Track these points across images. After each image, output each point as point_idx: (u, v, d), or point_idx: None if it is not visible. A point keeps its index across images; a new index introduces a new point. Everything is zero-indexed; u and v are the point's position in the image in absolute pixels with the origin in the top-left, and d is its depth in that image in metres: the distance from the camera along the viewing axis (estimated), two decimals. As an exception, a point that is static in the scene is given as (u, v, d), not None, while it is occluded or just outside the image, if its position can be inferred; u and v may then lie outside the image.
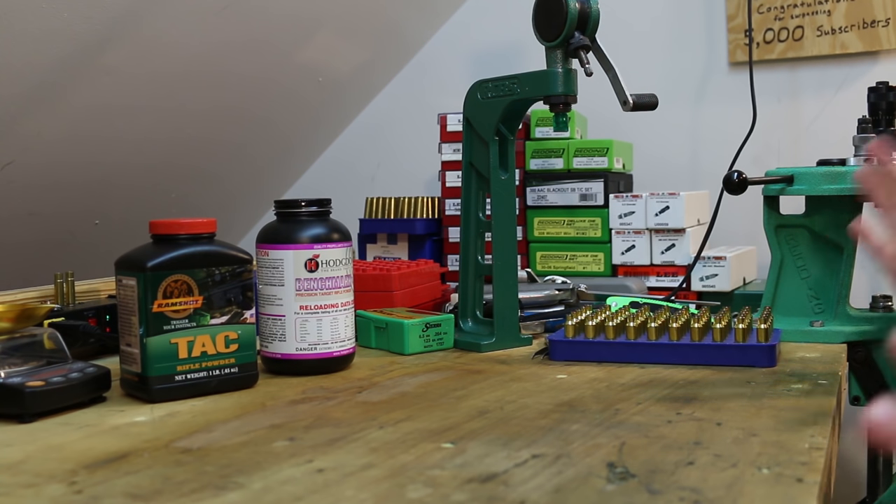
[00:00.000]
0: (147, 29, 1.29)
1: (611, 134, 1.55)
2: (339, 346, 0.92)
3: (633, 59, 1.60)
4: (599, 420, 0.71)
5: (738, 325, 0.93)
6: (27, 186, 1.39)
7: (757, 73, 1.53)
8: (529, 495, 0.54)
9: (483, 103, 1.04)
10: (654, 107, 0.96)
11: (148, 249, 0.83)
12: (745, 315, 0.98)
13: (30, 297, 1.04)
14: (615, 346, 0.95)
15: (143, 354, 0.80)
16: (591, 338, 0.97)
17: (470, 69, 1.79)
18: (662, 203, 1.36)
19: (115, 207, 1.59)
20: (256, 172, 1.86)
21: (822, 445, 0.63)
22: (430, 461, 0.61)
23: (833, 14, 1.54)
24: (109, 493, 0.56)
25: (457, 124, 1.50)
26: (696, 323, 0.95)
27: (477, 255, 1.08)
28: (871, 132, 1.13)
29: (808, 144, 1.58)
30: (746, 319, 0.95)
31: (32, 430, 0.72)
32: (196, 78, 1.46)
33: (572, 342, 0.96)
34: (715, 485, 0.55)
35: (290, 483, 0.57)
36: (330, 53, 1.67)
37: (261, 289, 0.93)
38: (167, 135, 1.53)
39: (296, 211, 0.93)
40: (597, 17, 0.95)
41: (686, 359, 0.93)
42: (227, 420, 0.74)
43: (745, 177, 1.08)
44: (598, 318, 0.99)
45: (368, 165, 1.93)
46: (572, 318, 0.99)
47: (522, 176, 1.47)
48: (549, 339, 0.98)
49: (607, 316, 1.00)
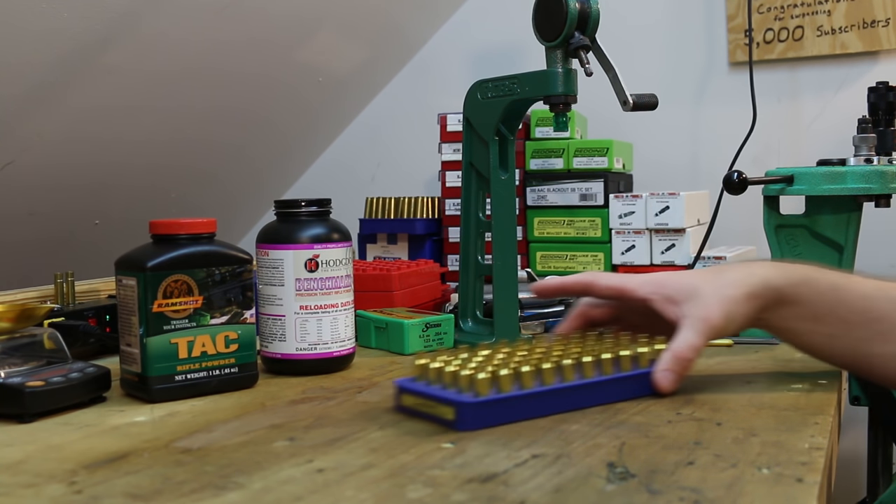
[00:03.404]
0: (147, 28, 1.29)
1: (611, 134, 1.55)
2: (339, 346, 0.92)
3: (633, 59, 1.60)
4: (599, 420, 0.71)
5: (640, 348, 0.79)
6: (27, 186, 1.39)
7: (757, 73, 1.53)
8: (529, 495, 0.54)
9: (483, 103, 1.04)
10: (654, 107, 0.96)
11: (148, 249, 0.83)
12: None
13: (30, 297, 1.04)
14: (541, 399, 0.72)
15: (143, 354, 0.80)
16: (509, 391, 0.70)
17: (470, 69, 1.79)
18: (662, 203, 1.36)
19: (114, 207, 1.59)
20: (256, 172, 1.86)
21: (822, 445, 0.63)
22: (430, 461, 0.61)
23: (833, 14, 1.54)
24: (109, 493, 0.56)
25: (457, 124, 1.50)
26: (604, 351, 0.77)
27: (477, 255, 1.08)
28: (871, 132, 1.13)
29: (808, 144, 1.58)
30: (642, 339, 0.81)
31: (32, 430, 0.72)
32: (196, 77, 1.46)
33: (489, 403, 0.69)
34: (715, 485, 0.55)
35: (290, 483, 0.57)
36: (330, 53, 1.67)
37: (261, 289, 0.93)
38: (167, 135, 1.53)
39: (296, 211, 0.93)
40: (597, 17, 0.95)
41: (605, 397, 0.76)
42: (227, 420, 0.74)
43: (745, 177, 1.08)
44: (498, 362, 0.73)
45: (368, 165, 1.93)
46: (443, 364, 0.72)
47: (522, 176, 1.47)
48: (458, 402, 0.68)
49: (503, 357, 0.75)
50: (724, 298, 0.75)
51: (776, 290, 0.76)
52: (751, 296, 0.76)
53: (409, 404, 0.73)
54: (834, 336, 0.77)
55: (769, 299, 0.77)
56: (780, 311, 0.77)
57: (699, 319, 0.75)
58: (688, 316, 0.76)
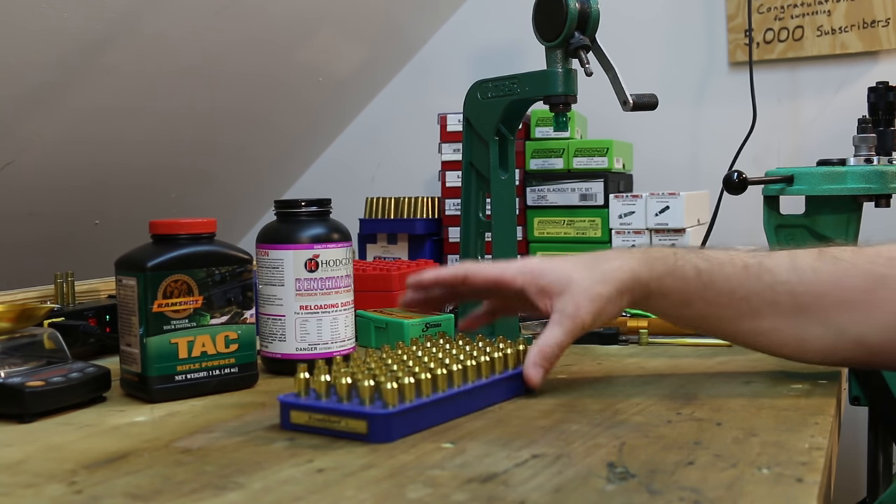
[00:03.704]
0: (147, 29, 1.29)
1: (611, 134, 1.55)
2: (339, 346, 0.92)
3: (633, 59, 1.60)
4: (599, 420, 0.71)
5: (506, 349, 0.80)
6: (27, 186, 1.39)
7: (757, 73, 1.54)
8: (529, 495, 0.54)
9: (483, 103, 1.04)
10: (654, 107, 0.96)
11: (148, 249, 0.83)
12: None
13: (30, 297, 1.04)
14: (453, 403, 0.72)
15: (143, 354, 0.80)
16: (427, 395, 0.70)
17: (470, 69, 1.79)
18: (662, 203, 1.36)
19: (115, 207, 1.59)
20: (256, 172, 1.86)
21: (822, 445, 0.63)
22: (430, 461, 0.61)
23: (833, 14, 1.54)
24: (109, 493, 0.56)
25: (457, 124, 1.50)
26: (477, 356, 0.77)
27: (477, 255, 1.08)
28: (871, 132, 1.13)
29: (808, 144, 1.58)
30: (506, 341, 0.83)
31: (32, 430, 0.72)
32: (196, 78, 1.46)
33: (401, 413, 0.67)
34: (715, 485, 0.55)
35: (290, 483, 0.57)
36: (330, 53, 1.67)
37: (261, 289, 0.93)
38: (167, 135, 1.53)
39: (296, 211, 0.93)
40: (597, 16, 0.95)
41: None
42: (227, 420, 0.74)
43: (745, 177, 1.08)
44: (390, 371, 0.72)
45: (368, 165, 1.93)
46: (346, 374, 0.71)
47: (522, 176, 1.47)
48: (371, 415, 0.66)
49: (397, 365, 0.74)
50: (594, 296, 0.78)
51: (644, 283, 0.79)
52: (621, 291, 0.79)
53: (301, 422, 0.69)
54: (704, 317, 0.81)
55: (638, 293, 0.80)
56: (649, 302, 0.81)
57: (568, 317, 0.78)
58: (558, 311, 0.78)
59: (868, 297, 0.75)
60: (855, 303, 0.75)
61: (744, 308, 0.78)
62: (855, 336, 0.76)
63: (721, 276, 0.78)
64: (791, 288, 0.77)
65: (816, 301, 0.76)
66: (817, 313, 0.77)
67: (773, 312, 0.78)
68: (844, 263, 0.76)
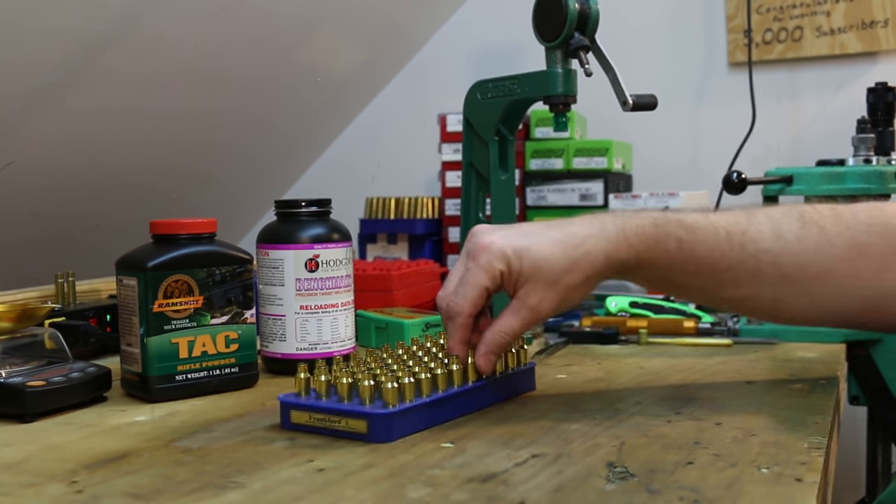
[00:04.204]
0: (147, 29, 1.29)
1: (611, 134, 1.55)
2: (339, 345, 0.92)
3: (633, 59, 1.60)
4: (599, 420, 0.71)
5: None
6: (28, 187, 1.39)
7: (756, 74, 1.54)
8: (529, 495, 0.54)
9: (483, 103, 1.04)
10: (654, 107, 0.96)
11: (148, 249, 0.83)
12: None
13: (30, 296, 1.04)
14: (451, 403, 0.73)
15: (144, 354, 0.80)
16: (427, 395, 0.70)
17: (470, 69, 1.80)
18: (662, 203, 1.36)
19: (115, 208, 1.59)
20: (256, 173, 1.86)
21: (822, 445, 0.63)
22: (429, 461, 0.61)
23: (832, 14, 1.54)
24: (110, 493, 0.56)
25: (457, 124, 1.50)
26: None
27: (477, 256, 1.07)
28: (870, 132, 1.13)
29: (808, 144, 1.58)
30: None
31: (33, 430, 0.72)
32: (196, 79, 1.46)
33: (401, 413, 0.67)
34: (714, 484, 0.55)
35: (290, 483, 0.58)
36: (330, 53, 1.68)
37: (261, 289, 0.93)
38: (168, 136, 1.53)
39: (296, 211, 0.93)
40: (596, 17, 0.95)
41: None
42: (228, 420, 0.74)
43: (745, 177, 1.08)
44: (389, 371, 0.72)
45: (368, 165, 1.93)
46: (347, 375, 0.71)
47: (522, 176, 1.47)
48: (370, 415, 0.66)
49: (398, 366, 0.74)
50: (561, 288, 0.75)
51: (620, 263, 0.76)
52: (590, 276, 0.75)
53: (301, 421, 0.70)
54: (685, 287, 0.80)
55: (612, 272, 0.77)
56: (625, 276, 0.79)
57: (528, 309, 0.75)
58: (520, 299, 0.75)
59: (849, 266, 0.75)
60: (837, 274, 0.75)
61: (726, 278, 0.77)
62: (836, 307, 0.77)
63: (703, 248, 0.76)
64: (775, 257, 0.76)
65: (800, 272, 0.76)
66: (799, 284, 0.76)
67: (755, 282, 0.77)
68: (827, 232, 0.76)
